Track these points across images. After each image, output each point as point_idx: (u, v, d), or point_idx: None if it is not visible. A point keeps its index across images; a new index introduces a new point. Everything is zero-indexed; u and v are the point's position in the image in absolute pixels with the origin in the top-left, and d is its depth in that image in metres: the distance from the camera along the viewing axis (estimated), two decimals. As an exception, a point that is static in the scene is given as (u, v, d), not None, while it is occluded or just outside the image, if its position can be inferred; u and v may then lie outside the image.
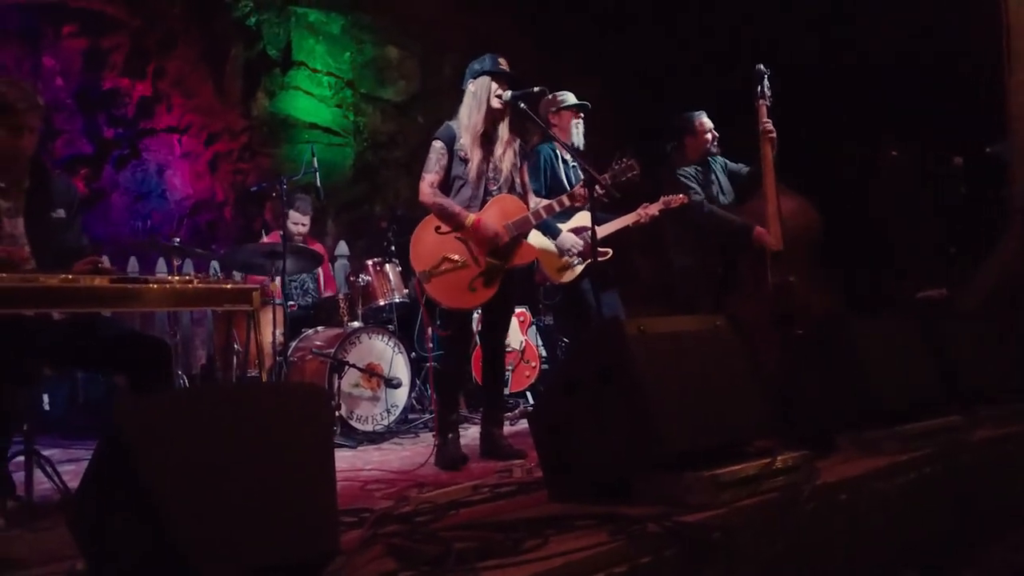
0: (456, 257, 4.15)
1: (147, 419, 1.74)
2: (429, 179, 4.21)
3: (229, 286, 3.32)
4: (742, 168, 5.67)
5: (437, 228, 4.20)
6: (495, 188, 4.26)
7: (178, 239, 5.66)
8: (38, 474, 3.42)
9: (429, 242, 4.18)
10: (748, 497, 2.47)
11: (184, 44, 7.78)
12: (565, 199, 4.34)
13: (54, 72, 7.32)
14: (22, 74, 7.07)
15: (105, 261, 3.28)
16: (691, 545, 2.18)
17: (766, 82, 5.30)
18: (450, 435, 4.20)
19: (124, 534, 1.78)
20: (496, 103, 4.17)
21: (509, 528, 2.25)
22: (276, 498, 1.82)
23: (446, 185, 4.25)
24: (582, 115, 5.03)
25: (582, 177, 4.78)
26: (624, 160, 4.41)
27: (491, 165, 4.26)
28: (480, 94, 4.19)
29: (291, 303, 5.80)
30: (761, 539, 2.39)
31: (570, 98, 5.04)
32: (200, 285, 3.19)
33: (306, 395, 2.00)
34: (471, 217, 4.15)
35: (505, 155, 4.26)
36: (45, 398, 5.82)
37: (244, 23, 8.03)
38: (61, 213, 3.45)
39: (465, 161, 4.21)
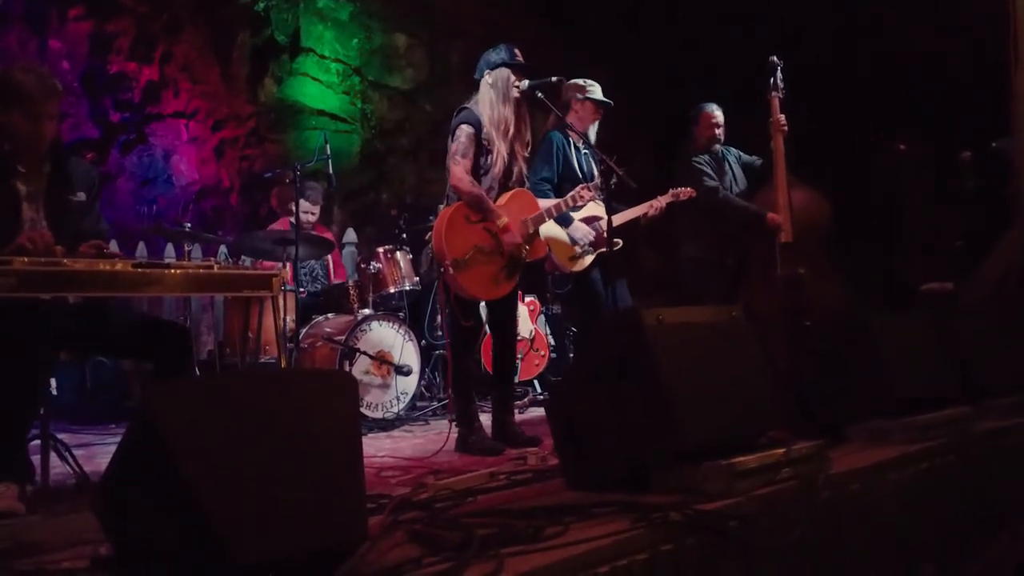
0: (487, 248, 4.14)
1: (180, 404, 1.76)
2: (465, 165, 4.12)
3: (250, 272, 3.34)
4: (755, 160, 5.73)
5: (467, 216, 4.13)
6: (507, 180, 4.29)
7: (188, 224, 5.66)
8: (52, 458, 3.45)
9: (462, 231, 4.10)
10: (764, 486, 2.50)
11: (191, 29, 7.75)
12: (578, 197, 4.38)
13: (60, 55, 7.30)
14: (27, 57, 7.06)
15: (112, 247, 3.30)
16: (711, 533, 2.21)
17: (779, 74, 5.33)
18: (476, 424, 4.19)
19: (154, 519, 1.80)
20: (515, 93, 4.18)
21: (529, 515, 2.27)
22: (306, 483, 1.84)
23: (472, 172, 4.19)
24: (601, 112, 5.01)
25: (595, 165, 4.82)
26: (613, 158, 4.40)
27: (513, 156, 4.27)
28: (501, 86, 4.18)
29: (300, 289, 5.82)
30: (777, 527, 2.41)
31: (598, 91, 4.98)
32: (220, 271, 3.21)
33: (334, 381, 2.02)
34: (504, 219, 4.12)
35: (523, 145, 4.28)
36: (53, 383, 5.84)
37: (252, 8, 8.00)
38: (81, 196, 3.43)
39: (488, 152, 4.20)
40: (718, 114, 5.68)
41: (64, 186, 3.40)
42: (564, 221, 4.80)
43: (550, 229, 4.68)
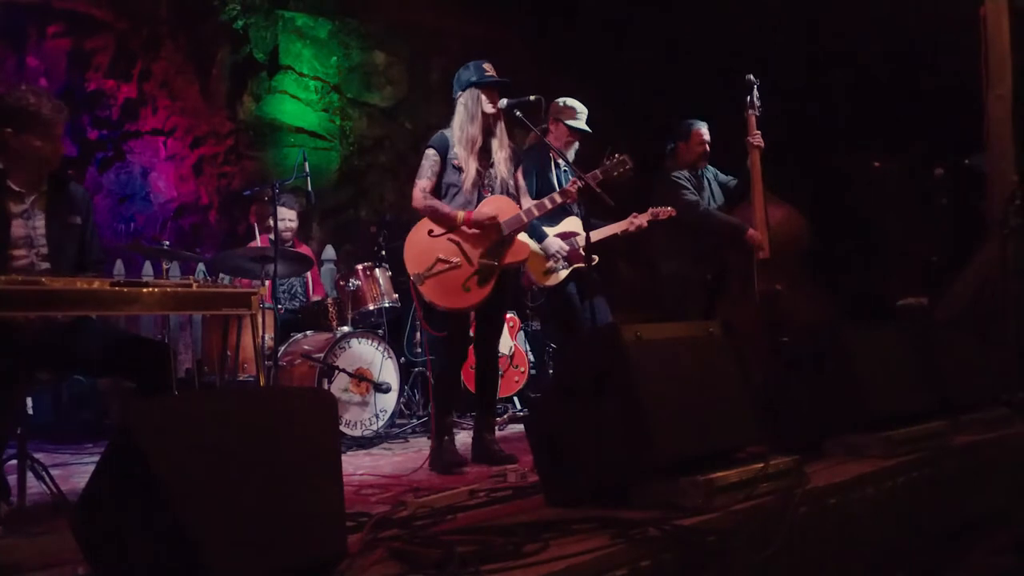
0: (449, 258, 4.19)
1: (161, 421, 1.76)
2: (421, 185, 4.26)
3: (228, 290, 3.34)
4: (731, 180, 5.79)
5: (430, 231, 4.24)
6: (489, 193, 4.30)
7: (167, 242, 5.64)
8: (29, 478, 3.42)
9: (422, 244, 4.22)
10: (742, 501, 2.51)
11: (170, 46, 7.76)
12: (557, 197, 4.37)
13: (38, 72, 7.29)
14: (5, 74, 7.05)
15: None
16: (689, 548, 2.22)
17: (756, 92, 5.38)
18: (446, 438, 4.21)
19: (133, 536, 1.79)
20: (489, 109, 4.22)
21: (509, 532, 2.27)
22: (286, 501, 1.84)
23: (438, 192, 4.29)
24: (577, 137, 5.03)
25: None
26: (616, 155, 4.45)
27: (488, 173, 4.30)
28: (471, 107, 4.24)
29: (279, 307, 5.79)
30: (755, 542, 2.43)
31: (582, 119, 5.03)
32: (199, 289, 3.22)
33: (313, 399, 2.03)
34: (462, 214, 4.19)
35: (501, 161, 4.30)
36: (29, 402, 5.78)
37: (231, 26, 8.01)
38: (77, 220, 3.51)
39: (459, 170, 4.24)
40: (706, 133, 5.72)
41: (64, 208, 3.46)
42: (538, 236, 4.82)
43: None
